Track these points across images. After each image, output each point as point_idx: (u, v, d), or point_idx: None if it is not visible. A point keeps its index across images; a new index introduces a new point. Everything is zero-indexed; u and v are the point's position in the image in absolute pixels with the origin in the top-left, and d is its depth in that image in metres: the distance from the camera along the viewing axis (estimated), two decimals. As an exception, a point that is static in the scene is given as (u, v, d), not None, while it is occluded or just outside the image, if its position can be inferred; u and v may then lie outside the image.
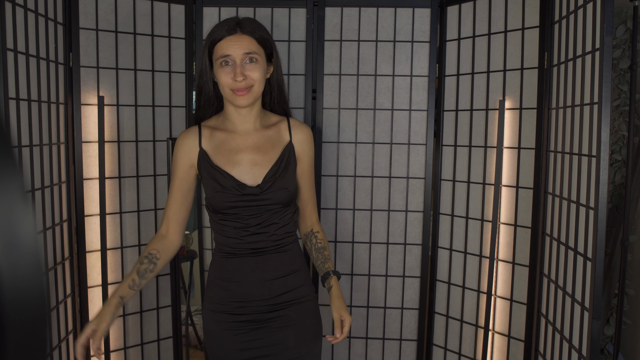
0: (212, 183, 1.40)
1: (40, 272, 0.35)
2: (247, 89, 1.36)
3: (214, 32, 1.38)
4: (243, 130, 1.45)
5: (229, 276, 1.45)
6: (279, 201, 1.41)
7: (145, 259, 1.45)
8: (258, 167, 1.42)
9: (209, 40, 1.39)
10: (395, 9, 2.07)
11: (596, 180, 1.39)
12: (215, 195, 1.40)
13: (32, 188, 1.58)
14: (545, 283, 1.78)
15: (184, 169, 1.45)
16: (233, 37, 1.35)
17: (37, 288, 0.35)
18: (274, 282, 1.44)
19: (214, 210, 1.42)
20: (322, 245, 1.57)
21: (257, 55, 1.37)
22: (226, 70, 1.35)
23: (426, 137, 2.10)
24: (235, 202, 1.38)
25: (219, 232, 1.46)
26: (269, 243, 1.43)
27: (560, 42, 1.68)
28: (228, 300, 1.45)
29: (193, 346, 3.00)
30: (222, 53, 1.35)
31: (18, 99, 1.52)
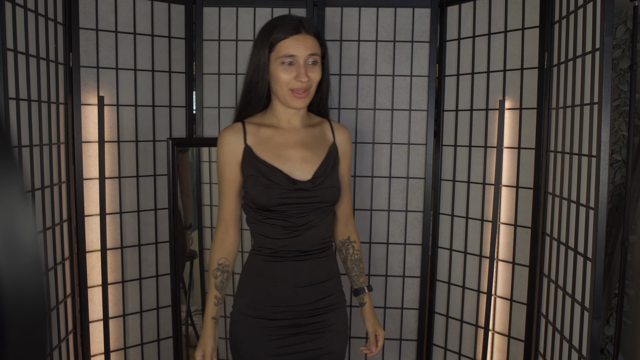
0: (260, 179, 1.34)
1: (40, 272, 0.35)
2: (306, 91, 1.32)
3: (277, 30, 1.31)
4: (291, 126, 1.41)
5: (271, 279, 1.39)
6: (328, 199, 1.38)
7: (218, 272, 1.42)
8: (307, 163, 1.38)
9: (269, 38, 1.31)
10: (395, 9, 2.07)
11: (596, 180, 1.39)
12: (264, 191, 1.33)
13: (32, 188, 1.58)
14: (545, 283, 1.78)
15: (233, 169, 1.39)
16: (299, 36, 1.30)
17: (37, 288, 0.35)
18: (316, 286, 1.40)
19: (261, 207, 1.35)
20: (359, 257, 1.54)
21: (318, 57, 1.33)
22: (288, 70, 1.30)
23: (426, 137, 2.10)
24: (286, 198, 1.33)
25: (261, 233, 1.38)
26: (314, 246, 1.39)
27: (560, 42, 1.68)
28: (267, 305, 1.38)
29: (193, 346, 3.00)
30: (286, 52, 1.29)
31: (18, 99, 1.52)
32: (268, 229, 1.37)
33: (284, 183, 1.33)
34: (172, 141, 2.01)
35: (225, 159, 1.39)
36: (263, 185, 1.34)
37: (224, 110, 2.14)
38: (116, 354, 2.03)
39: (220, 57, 2.12)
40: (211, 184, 2.21)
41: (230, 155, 1.38)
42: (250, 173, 1.36)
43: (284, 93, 1.32)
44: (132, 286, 2.04)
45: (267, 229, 1.37)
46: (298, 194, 1.34)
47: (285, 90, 1.32)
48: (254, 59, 1.35)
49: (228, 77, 2.13)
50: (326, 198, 1.38)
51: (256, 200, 1.35)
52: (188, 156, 2.14)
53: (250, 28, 2.10)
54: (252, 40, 2.11)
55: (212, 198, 2.22)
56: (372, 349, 1.50)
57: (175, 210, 2.05)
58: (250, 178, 1.36)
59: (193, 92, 2.16)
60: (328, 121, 1.49)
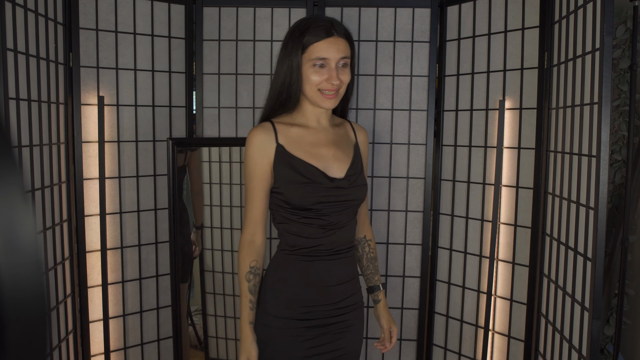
0: (298, 177, 1.33)
1: (40, 272, 0.35)
2: (335, 92, 1.33)
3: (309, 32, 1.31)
4: (320, 126, 1.42)
5: (304, 279, 1.38)
6: (360, 197, 1.40)
7: (250, 275, 1.39)
8: (340, 162, 1.39)
9: (301, 40, 1.31)
10: (395, 9, 2.07)
11: (596, 180, 1.39)
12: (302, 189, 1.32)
13: (32, 188, 1.58)
14: (545, 283, 1.77)
15: (263, 169, 1.36)
16: (331, 39, 1.30)
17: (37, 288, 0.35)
18: (342, 286, 1.41)
19: (298, 206, 1.33)
20: (374, 255, 1.56)
21: (349, 59, 1.35)
22: (320, 72, 1.31)
23: (426, 137, 2.10)
24: (324, 196, 1.33)
25: (295, 233, 1.37)
26: (344, 244, 1.40)
27: (560, 42, 1.68)
28: (297, 305, 1.37)
29: (193, 346, 3.00)
30: (319, 55, 1.30)
31: (18, 99, 1.52)
32: (303, 228, 1.36)
33: (322, 180, 1.34)
34: (172, 141, 2.01)
35: (256, 158, 1.36)
36: (301, 183, 1.33)
37: (224, 110, 2.14)
38: (116, 354, 2.03)
39: (220, 57, 2.12)
40: (211, 184, 2.21)
41: (261, 154, 1.35)
42: (284, 172, 1.34)
43: (313, 94, 1.33)
44: (132, 286, 2.04)
45: (301, 229, 1.36)
46: (335, 192, 1.35)
47: (315, 91, 1.32)
48: (286, 61, 1.34)
49: (228, 77, 2.13)
50: (358, 196, 1.40)
51: (293, 199, 1.33)
52: (199, 155, 2.14)
53: (250, 28, 2.10)
54: (252, 40, 2.11)
55: (212, 198, 2.22)
56: (386, 345, 1.53)
57: (176, 210, 2.05)
58: (284, 177, 1.34)
59: (193, 92, 2.16)
60: (348, 122, 1.51)
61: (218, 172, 2.21)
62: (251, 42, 2.11)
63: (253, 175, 1.37)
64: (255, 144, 1.36)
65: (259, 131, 1.37)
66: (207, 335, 2.37)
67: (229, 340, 2.32)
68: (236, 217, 2.23)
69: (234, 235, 2.24)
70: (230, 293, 2.28)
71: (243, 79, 2.12)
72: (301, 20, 1.36)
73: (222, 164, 2.21)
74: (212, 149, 2.18)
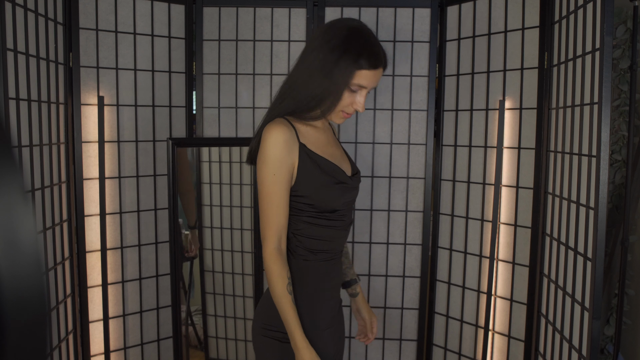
0: (326, 178, 1.26)
1: (40, 272, 0.35)
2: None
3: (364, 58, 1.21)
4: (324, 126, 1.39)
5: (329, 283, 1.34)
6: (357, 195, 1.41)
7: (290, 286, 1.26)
8: (345, 161, 1.39)
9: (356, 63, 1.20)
10: (395, 9, 2.07)
11: (596, 180, 1.39)
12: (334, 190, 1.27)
13: (32, 188, 1.58)
14: (545, 283, 1.77)
15: (288, 170, 1.24)
16: (377, 72, 1.25)
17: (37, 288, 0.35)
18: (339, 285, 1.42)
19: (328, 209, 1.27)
20: (346, 249, 1.55)
21: None
22: (352, 96, 1.25)
23: (426, 137, 2.10)
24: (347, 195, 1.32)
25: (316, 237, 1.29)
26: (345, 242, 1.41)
27: (560, 42, 1.68)
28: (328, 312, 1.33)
29: (193, 346, 3.00)
30: (360, 83, 1.22)
31: (18, 99, 1.52)
32: (325, 231, 1.29)
33: (346, 180, 1.31)
34: (172, 141, 2.01)
35: (283, 158, 1.23)
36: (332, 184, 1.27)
37: (224, 110, 2.14)
38: (116, 354, 2.03)
39: (220, 57, 2.12)
40: (211, 184, 2.21)
41: (288, 155, 1.23)
42: (311, 173, 1.25)
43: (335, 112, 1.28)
44: (132, 286, 2.04)
45: (323, 231, 1.29)
46: (352, 192, 1.35)
47: (339, 111, 1.27)
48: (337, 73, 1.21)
49: (228, 77, 2.13)
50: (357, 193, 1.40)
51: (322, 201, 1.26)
52: (186, 153, 2.14)
53: (250, 28, 2.10)
54: (252, 40, 2.11)
55: (212, 198, 2.22)
56: (369, 336, 1.51)
57: (176, 210, 2.05)
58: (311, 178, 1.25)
59: (193, 92, 2.16)
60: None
61: (218, 172, 2.21)
62: (251, 42, 2.11)
63: (278, 178, 1.23)
64: (282, 143, 1.22)
65: (283, 129, 1.23)
66: (207, 335, 2.37)
67: (229, 340, 2.32)
68: (236, 217, 2.23)
69: (233, 235, 2.24)
70: (230, 293, 2.28)
71: (243, 79, 2.12)
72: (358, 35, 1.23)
73: (222, 164, 2.21)
74: (212, 149, 2.18)
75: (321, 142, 1.33)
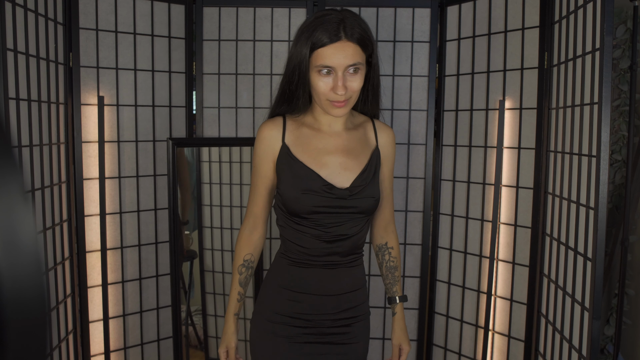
0: (297, 182, 1.25)
1: (40, 272, 0.35)
2: (345, 101, 1.21)
3: (315, 35, 1.17)
4: (332, 130, 1.31)
5: (299, 287, 1.32)
6: (364, 210, 1.28)
7: (243, 268, 1.38)
8: (347, 171, 1.28)
9: (309, 42, 1.18)
10: (395, 9, 2.07)
11: (596, 180, 1.39)
12: (300, 197, 1.24)
13: (32, 188, 1.58)
14: (545, 283, 1.77)
15: (268, 166, 1.31)
16: (338, 45, 1.16)
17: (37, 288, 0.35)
18: (343, 296, 1.33)
19: (294, 213, 1.27)
20: (395, 264, 1.46)
21: (361, 64, 1.21)
22: (325, 80, 1.19)
23: (426, 137, 2.09)
24: (321, 207, 1.25)
25: (291, 239, 1.31)
26: (345, 256, 1.32)
27: (560, 42, 1.68)
28: (292, 311, 1.32)
29: (193, 346, 3.00)
30: (322, 63, 1.17)
31: (18, 99, 1.52)
32: (299, 236, 1.29)
33: (320, 189, 1.25)
34: (172, 141, 2.01)
35: (262, 153, 1.31)
36: (299, 189, 1.25)
37: (224, 110, 2.14)
38: (116, 354, 2.03)
39: (220, 57, 2.12)
40: (211, 184, 2.21)
41: (267, 151, 1.30)
42: (285, 174, 1.28)
43: (322, 102, 1.23)
44: (132, 286, 2.04)
45: (298, 236, 1.30)
46: (334, 203, 1.26)
47: (323, 100, 1.22)
48: (294, 58, 1.22)
49: (228, 77, 2.13)
50: (363, 208, 1.28)
51: (289, 205, 1.27)
52: (184, 151, 2.13)
53: (250, 28, 2.10)
54: (252, 40, 2.11)
55: (212, 198, 2.22)
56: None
57: (176, 210, 2.05)
58: (284, 180, 1.28)
59: (193, 92, 2.16)
60: (372, 121, 1.38)
61: (218, 172, 2.21)
62: (251, 42, 2.11)
63: (257, 171, 1.33)
64: (262, 140, 1.30)
65: (268, 126, 1.31)
66: (207, 335, 2.37)
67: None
68: (236, 217, 2.23)
69: (233, 235, 2.24)
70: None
71: (243, 79, 2.12)
72: (316, 14, 1.21)
73: (222, 164, 2.21)
74: (212, 149, 2.18)
75: (313, 146, 1.29)
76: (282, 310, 1.33)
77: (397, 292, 1.46)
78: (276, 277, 1.36)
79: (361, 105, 1.36)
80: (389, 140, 1.38)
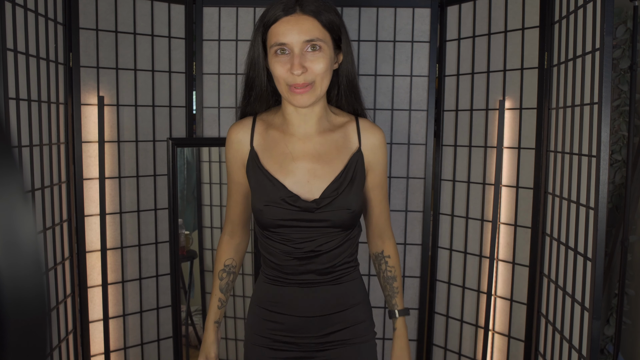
0: (260, 193, 1.15)
1: (40, 272, 0.35)
2: (308, 85, 1.07)
3: (268, 12, 1.10)
4: (302, 133, 1.17)
5: (274, 306, 1.22)
6: (337, 224, 1.15)
7: (224, 273, 1.29)
8: (317, 179, 1.15)
9: (261, 23, 1.11)
10: (395, 9, 2.07)
11: (596, 180, 1.39)
12: (263, 209, 1.14)
13: (32, 188, 1.58)
14: (545, 283, 1.78)
15: (239, 171, 1.21)
16: (290, 18, 1.06)
17: (37, 288, 0.35)
18: (327, 317, 1.20)
19: (262, 226, 1.18)
20: (392, 274, 1.31)
21: (322, 42, 1.07)
22: (282, 61, 1.07)
23: (426, 137, 2.10)
24: (285, 220, 1.13)
25: (266, 253, 1.22)
26: (322, 274, 1.18)
27: (560, 42, 1.68)
28: (270, 333, 1.22)
29: (193, 346, 3.00)
30: (276, 40, 1.06)
31: (18, 99, 1.52)
32: (271, 250, 1.19)
33: (282, 201, 1.13)
34: (172, 141, 2.01)
35: (231, 159, 1.21)
36: (263, 202, 1.14)
37: (223, 110, 2.14)
38: (116, 354, 2.03)
39: (220, 57, 2.12)
40: (211, 184, 2.21)
41: (236, 156, 1.21)
42: (251, 183, 1.19)
43: (282, 89, 1.10)
44: (132, 286, 2.04)
45: (270, 251, 1.20)
46: (300, 216, 1.13)
47: (284, 86, 1.08)
48: (249, 51, 1.16)
49: (228, 77, 2.13)
50: (335, 222, 1.14)
51: (255, 217, 1.18)
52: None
53: (250, 28, 2.10)
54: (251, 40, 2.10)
55: (212, 198, 2.22)
56: None
57: (176, 210, 2.05)
58: (252, 189, 1.19)
59: (193, 92, 2.16)
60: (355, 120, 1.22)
61: (218, 172, 2.21)
62: (251, 42, 2.11)
63: (229, 176, 1.24)
64: (230, 144, 1.21)
65: (235, 129, 1.20)
66: (207, 335, 2.36)
67: (229, 340, 2.32)
68: (236, 217, 2.23)
69: (234, 235, 2.24)
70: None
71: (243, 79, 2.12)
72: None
73: (222, 164, 2.21)
74: (212, 149, 2.18)
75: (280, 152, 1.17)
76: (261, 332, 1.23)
77: (397, 305, 1.30)
78: (255, 296, 1.28)
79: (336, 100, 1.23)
80: (375, 142, 1.21)
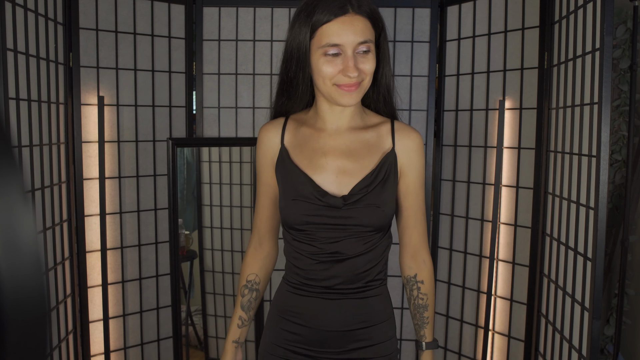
0: (289, 188, 1.11)
1: (40, 272, 0.35)
2: (357, 85, 1.04)
3: (317, 11, 1.02)
4: (334, 128, 1.13)
5: (294, 316, 1.15)
6: (367, 222, 1.08)
7: (245, 289, 1.21)
8: (347, 176, 1.10)
9: (308, 21, 1.03)
10: (395, 9, 2.07)
11: (596, 180, 1.39)
12: (290, 204, 1.09)
13: (32, 188, 1.58)
14: (545, 283, 1.78)
15: (268, 172, 1.17)
16: (345, 18, 1.00)
17: (37, 288, 0.35)
18: (350, 333, 1.12)
19: (288, 224, 1.12)
20: (424, 302, 1.19)
21: (372, 42, 1.04)
22: (333, 61, 1.02)
23: (426, 137, 2.10)
24: (312, 216, 1.08)
25: (291, 258, 1.16)
26: (348, 283, 1.11)
27: (560, 42, 1.68)
28: (288, 344, 1.14)
29: (193, 346, 3.00)
30: (329, 41, 1.01)
31: (18, 99, 1.52)
32: (297, 255, 1.13)
33: (312, 196, 1.08)
34: (172, 141, 2.01)
35: (261, 158, 1.18)
36: (291, 197, 1.10)
37: (224, 110, 2.14)
38: (116, 354, 2.03)
39: (220, 57, 2.12)
40: (211, 184, 2.21)
41: (266, 155, 1.17)
42: (280, 180, 1.14)
43: (328, 89, 1.05)
44: (132, 286, 2.04)
45: (295, 256, 1.14)
46: (327, 213, 1.08)
47: (330, 86, 1.04)
48: (291, 45, 1.08)
49: (228, 77, 2.13)
50: (364, 220, 1.08)
51: (281, 214, 1.13)
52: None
53: (250, 28, 2.10)
54: (252, 40, 2.11)
55: (212, 198, 2.22)
56: None
57: (176, 210, 2.05)
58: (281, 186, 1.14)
59: (193, 92, 2.16)
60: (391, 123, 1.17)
61: (218, 172, 2.21)
62: (251, 42, 2.11)
63: (259, 179, 1.19)
64: (261, 143, 1.17)
65: (267, 128, 1.18)
66: (207, 335, 2.37)
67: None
68: (236, 218, 2.23)
69: (233, 235, 2.24)
70: (230, 293, 2.28)
71: (243, 79, 2.12)
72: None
73: (222, 164, 2.21)
74: (212, 149, 2.18)
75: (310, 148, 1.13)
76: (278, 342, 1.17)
77: (425, 337, 1.20)
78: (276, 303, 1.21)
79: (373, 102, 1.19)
80: (411, 145, 1.15)
